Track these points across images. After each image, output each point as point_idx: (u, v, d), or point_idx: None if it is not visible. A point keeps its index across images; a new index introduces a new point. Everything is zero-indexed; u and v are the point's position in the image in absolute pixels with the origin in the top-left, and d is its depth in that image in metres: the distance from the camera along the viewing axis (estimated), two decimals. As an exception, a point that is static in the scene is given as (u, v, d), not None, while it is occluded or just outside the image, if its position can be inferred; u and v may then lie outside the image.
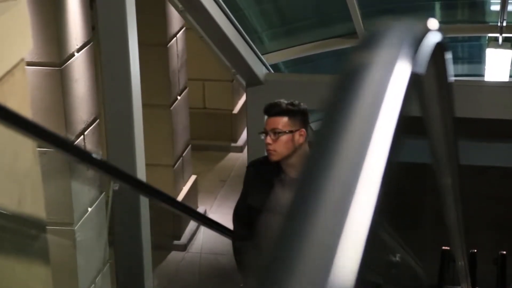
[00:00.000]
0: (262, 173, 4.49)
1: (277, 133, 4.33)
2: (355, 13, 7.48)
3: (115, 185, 3.80)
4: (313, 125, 4.56)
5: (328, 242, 0.70)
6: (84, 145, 5.93)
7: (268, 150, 4.38)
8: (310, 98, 4.36)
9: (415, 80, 1.03)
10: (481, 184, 9.05)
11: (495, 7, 8.36)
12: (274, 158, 4.37)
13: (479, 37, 9.28)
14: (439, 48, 1.43)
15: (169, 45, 8.50)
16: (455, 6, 8.74)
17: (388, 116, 0.86)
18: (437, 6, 8.64)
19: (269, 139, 4.35)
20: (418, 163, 2.78)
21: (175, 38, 8.68)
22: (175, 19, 8.54)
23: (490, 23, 8.57)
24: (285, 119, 4.34)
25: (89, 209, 6.02)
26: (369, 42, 1.00)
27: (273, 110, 4.37)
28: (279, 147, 4.34)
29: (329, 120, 0.86)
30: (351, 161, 0.78)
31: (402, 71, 1.01)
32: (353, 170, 0.77)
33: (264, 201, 4.27)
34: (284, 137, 4.34)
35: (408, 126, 0.96)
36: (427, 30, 1.25)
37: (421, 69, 1.10)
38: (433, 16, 8.44)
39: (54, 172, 5.25)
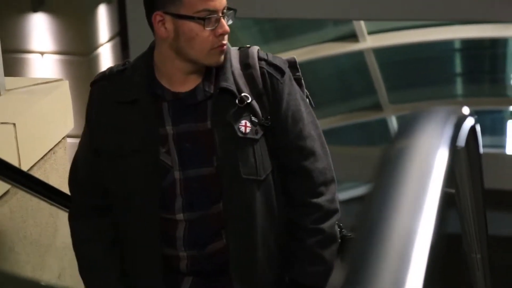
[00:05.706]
0: (121, 93, 2.35)
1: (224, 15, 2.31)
2: (379, 86, 7.54)
3: None
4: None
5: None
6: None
7: (222, 47, 2.30)
8: (335, 170, 4.18)
9: (453, 157, 1.12)
10: (504, 254, 8.98)
11: (516, 82, 8.45)
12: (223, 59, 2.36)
13: (501, 110, 9.35)
14: (472, 127, 1.57)
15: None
16: (477, 80, 8.82)
17: (436, 193, 0.95)
18: (459, 80, 8.71)
19: (225, 25, 2.29)
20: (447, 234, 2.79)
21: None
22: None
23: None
24: None
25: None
26: (412, 127, 1.12)
27: None
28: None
29: (385, 190, 0.93)
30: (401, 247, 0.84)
31: (443, 151, 1.09)
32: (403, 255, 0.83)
33: (132, 139, 2.32)
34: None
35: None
36: (462, 115, 1.38)
37: (459, 146, 1.21)
38: (455, 89, 8.51)
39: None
